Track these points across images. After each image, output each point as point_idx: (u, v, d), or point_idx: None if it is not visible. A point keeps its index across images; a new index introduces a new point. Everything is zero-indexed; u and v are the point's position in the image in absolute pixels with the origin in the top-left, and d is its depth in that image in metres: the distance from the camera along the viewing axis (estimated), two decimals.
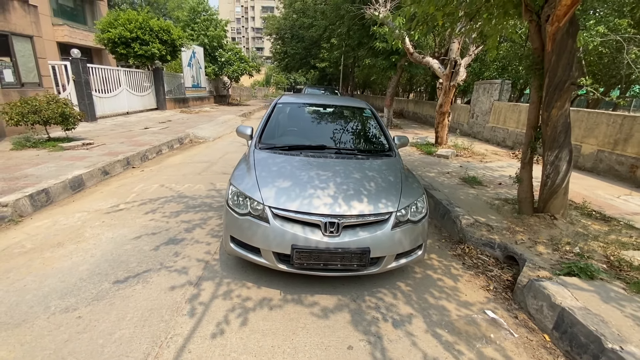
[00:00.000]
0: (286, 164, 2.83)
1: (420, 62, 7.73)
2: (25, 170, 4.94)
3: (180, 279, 2.64)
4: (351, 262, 2.30)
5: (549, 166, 3.23)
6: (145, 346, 1.96)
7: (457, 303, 2.55)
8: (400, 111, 18.38)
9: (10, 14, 6.99)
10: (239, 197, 2.52)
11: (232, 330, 2.12)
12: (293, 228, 2.31)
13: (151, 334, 2.05)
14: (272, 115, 3.69)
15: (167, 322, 2.17)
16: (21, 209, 3.80)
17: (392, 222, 2.42)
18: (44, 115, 6.51)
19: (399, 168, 2.97)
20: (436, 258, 3.24)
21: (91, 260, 2.89)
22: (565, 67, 2.83)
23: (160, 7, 25.93)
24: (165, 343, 1.99)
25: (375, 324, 2.26)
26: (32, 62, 7.75)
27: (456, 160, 6.78)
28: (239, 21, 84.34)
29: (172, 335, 2.05)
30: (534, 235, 3.25)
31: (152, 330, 2.09)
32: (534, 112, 3.28)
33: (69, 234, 3.40)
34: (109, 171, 5.54)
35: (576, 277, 2.51)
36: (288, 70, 30.42)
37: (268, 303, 2.40)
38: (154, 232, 3.47)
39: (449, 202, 4.11)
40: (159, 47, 13.06)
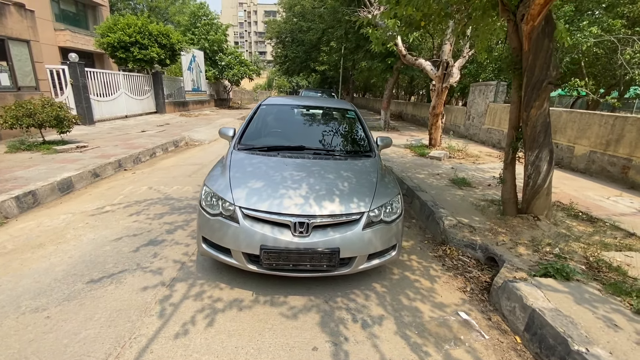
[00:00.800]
0: (261, 165, 2.83)
1: (413, 64, 7.73)
2: (16, 173, 4.98)
3: (154, 280, 2.63)
4: (320, 263, 2.29)
5: (530, 166, 3.19)
6: (107, 346, 1.96)
7: (431, 304, 2.53)
8: (399, 114, 18.37)
9: (6, 19, 7.10)
10: (212, 198, 2.52)
11: (198, 331, 2.11)
12: (263, 228, 2.30)
13: (116, 335, 2.05)
14: (255, 116, 3.71)
15: (133, 322, 2.16)
16: (7, 210, 3.83)
17: (364, 222, 2.40)
18: (39, 119, 6.57)
19: (376, 168, 2.96)
20: (416, 259, 3.21)
21: (69, 261, 2.90)
22: (542, 66, 2.81)
23: (162, 12, 26.27)
24: (128, 343, 1.98)
25: (344, 325, 2.24)
26: (29, 66, 7.86)
27: (448, 162, 6.74)
28: (241, 25, 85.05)
29: (137, 336, 2.04)
30: (516, 237, 3.22)
31: (118, 331, 2.08)
32: (514, 112, 3.26)
33: (51, 235, 3.41)
34: (100, 173, 5.58)
35: (552, 278, 2.47)
36: (289, 73, 30.56)
37: (238, 304, 2.39)
38: (135, 233, 3.48)
39: (434, 204, 4.08)
40: (157, 51, 13.20)
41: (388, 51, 10.47)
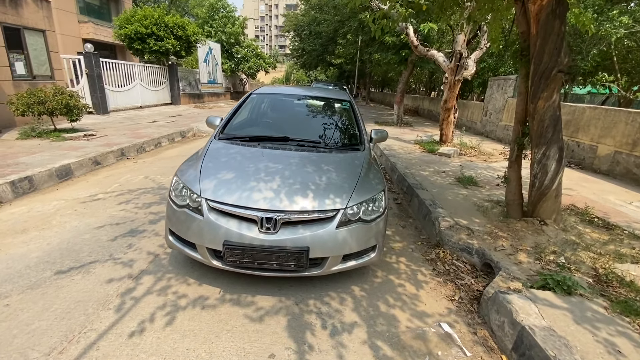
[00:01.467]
0: (237, 155, 2.67)
1: (425, 55, 7.33)
2: (20, 159, 5.07)
3: (122, 272, 2.54)
4: (288, 262, 2.11)
5: (536, 165, 2.87)
6: (54, 340, 1.86)
7: (411, 313, 2.30)
8: (415, 109, 17.81)
9: (22, 9, 7.26)
10: (181, 189, 2.38)
11: (153, 329, 1.98)
12: (228, 223, 2.14)
13: (67, 328, 1.96)
14: (243, 105, 3.55)
15: (88, 315, 2.06)
16: (1, 195, 3.87)
17: (338, 220, 2.20)
18: (49, 107, 6.72)
19: (362, 162, 2.74)
20: (405, 262, 2.98)
21: (46, 248, 2.86)
22: (551, 52, 2.47)
23: (182, 5, 26.60)
24: (76, 338, 1.88)
25: (310, 332, 2.06)
26: (44, 56, 8.05)
27: (458, 160, 6.37)
28: (262, 19, 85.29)
29: (87, 330, 1.94)
30: (517, 242, 2.92)
31: (70, 324, 1.99)
32: (521, 104, 2.93)
33: (38, 221, 3.41)
34: (101, 161, 5.61)
35: (551, 292, 2.18)
36: (306, 67, 30.32)
37: (202, 302, 2.26)
38: (118, 222, 3.42)
39: (432, 202, 3.81)
40: (173, 42, 13.30)
41: (402, 43, 10.08)
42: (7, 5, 6.89)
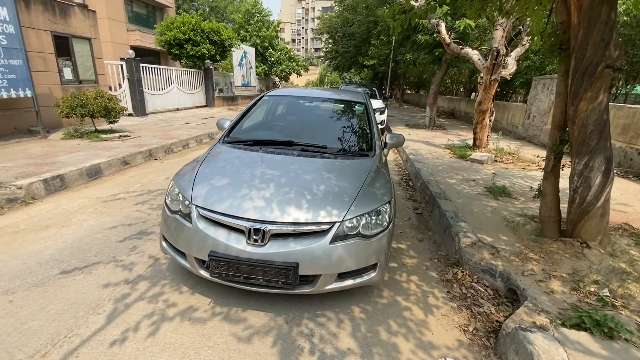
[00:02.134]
0: (236, 160, 2.57)
1: (459, 53, 6.84)
2: (58, 157, 5.43)
3: (120, 275, 2.54)
4: (275, 278, 1.95)
5: (577, 178, 2.45)
6: (41, 342, 1.86)
7: (415, 343, 2.04)
8: (451, 111, 16.91)
9: (71, 19, 7.86)
10: (177, 194, 2.32)
11: (134, 340, 1.92)
12: (216, 232, 2.03)
13: (55, 330, 1.95)
14: (253, 108, 3.46)
15: (77, 319, 2.05)
16: (34, 192, 4.13)
17: (333, 234, 2.00)
18: (90, 109, 7.17)
19: (368, 170, 2.51)
20: (416, 281, 2.69)
21: (60, 246, 2.96)
22: (597, 44, 2.07)
23: (222, 11, 27.69)
24: (60, 342, 1.87)
25: (297, 356, 1.88)
26: (90, 62, 8.65)
27: (492, 167, 5.84)
28: (299, 23, 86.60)
29: (73, 335, 1.92)
30: (551, 266, 2.52)
31: (59, 326, 1.99)
32: (559, 106, 2.52)
33: (60, 218, 3.57)
34: (129, 162, 5.86)
35: (586, 333, 1.82)
36: (339, 69, 30.13)
37: (190, 313, 2.17)
38: (131, 223, 3.48)
39: (454, 215, 3.46)
40: (208, 47, 13.78)
41: (436, 41, 9.56)
42: (57, 15, 7.49)
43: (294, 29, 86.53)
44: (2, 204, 3.79)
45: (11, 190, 3.91)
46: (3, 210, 3.71)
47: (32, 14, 6.99)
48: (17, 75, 6.17)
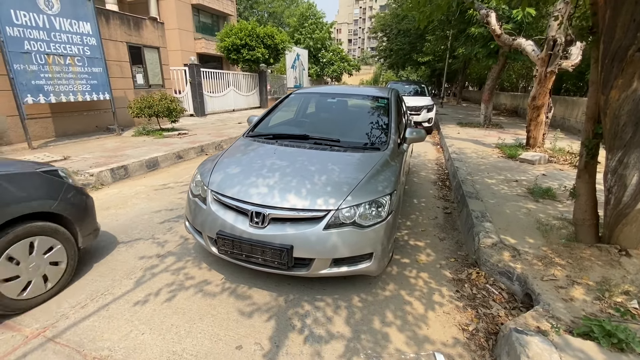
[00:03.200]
0: (251, 152, 2.78)
1: (511, 45, 6.27)
2: (126, 151, 6.30)
3: (154, 250, 2.92)
4: (272, 258, 2.10)
5: (611, 176, 2.17)
6: (83, 296, 2.27)
7: (409, 335, 2.03)
8: (514, 108, 15.43)
9: (142, 30, 9.00)
10: (199, 180, 2.61)
11: (153, 303, 2.23)
12: (225, 214, 2.26)
13: (95, 288, 2.36)
14: (280, 105, 3.67)
15: (113, 281, 2.45)
16: (103, 179, 4.89)
17: (327, 221, 2.09)
18: (155, 110, 8.15)
19: (374, 163, 2.52)
20: (426, 278, 2.63)
21: (114, 224, 3.49)
22: (626, 25, 1.80)
23: (279, 16, 28.97)
24: (96, 298, 2.25)
25: (287, 333, 2.01)
26: (158, 68, 9.80)
27: (544, 167, 5.29)
28: (356, 23, 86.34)
29: (107, 293, 2.30)
30: (578, 273, 2.28)
31: (99, 285, 2.39)
32: (593, 97, 2.25)
33: (119, 201, 4.18)
34: (183, 156, 6.54)
35: (594, 342, 1.65)
36: (393, 67, 29.45)
37: (203, 286, 2.43)
38: (173, 208, 3.94)
39: (480, 215, 3.27)
40: (263, 51, 14.58)
41: (491, 34, 8.89)
42: (132, 28, 8.64)
43: (351, 29, 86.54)
44: None
45: (85, 177, 4.68)
46: None
47: (110, 28, 8.17)
48: (98, 81, 7.29)
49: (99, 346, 1.85)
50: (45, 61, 6.48)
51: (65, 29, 6.73)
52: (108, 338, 1.91)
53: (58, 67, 6.70)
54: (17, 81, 6.06)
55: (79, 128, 7.92)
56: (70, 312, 2.11)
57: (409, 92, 11.47)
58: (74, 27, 6.89)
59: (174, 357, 1.79)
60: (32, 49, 6.25)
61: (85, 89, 7.16)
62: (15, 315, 2.06)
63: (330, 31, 22.02)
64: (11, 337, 1.91)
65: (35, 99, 6.38)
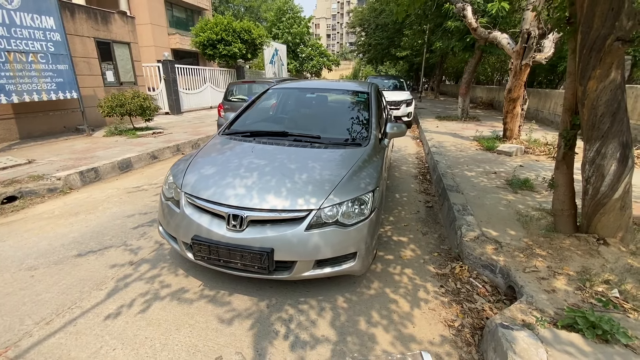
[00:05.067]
0: (228, 151, 2.66)
1: (487, 38, 6.37)
2: (97, 152, 5.96)
3: (127, 258, 2.75)
4: (252, 263, 2.00)
5: (589, 166, 2.20)
6: (48, 311, 2.09)
7: (395, 335, 1.99)
8: (490, 101, 15.83)
9: (111, 25, 8.54)
10: (171, 182, 2.46)
11: (126, 315, 2.09)
12: (200, 218, 2.13)
13: (62, 302, 2.19)
14: (257, 101, 3.54)
15: (82, 293, 2.27)
16: (71, 182, 4.59)
17: (309, 221, 2.01)
18: (128, 108, 7.76)
19: (356, 160, 2.46)
20: (410, 274, 2.61)
21: (83, 230, 3.27)
22: (605, 14, 1.82)
23: (256, 10, 28.40)
24: (63, 312, 2.09)
25: (270, 339, 1.92)
26: (129, 65, 9.35)
27: (520, 159, 5.42)
28: (334, 18, 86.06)
29: (75, 307, 2.14)
30: (558, 264, 2.31)
31: (65, 299, 2.22)
32: (570, 88, 2.27)
33: (89, 206, 3.93)
34: (158, 156, 6.27)
35: (579, 334, 1.65)
36: (372, 62, 29.58)
37: (180, 294, 2.30)
38: (147, 212, 3.74)
39: (462, 208, 3.28)
40: (239, 46, 14.23)
41: (468, 28, 9.02)
42: (100, 22, 8.17)
43: (329, 24, 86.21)
44: (44, 193, 4.26)
45: (51, 181, 4.39)
46: (44, 199, 4.17)
47: (76, 22, 7.70)
48: (64, 79, 6.86)
49: None
50: (6, 59, 6.02)
51: (26, 24, 6.27)
52: (75, 356, 1.76)
53: (20, 64, 6.24)
54: None
55: (45, 129, 7.45)
56: (34, 330, 1.94)
57: (388, 87, 11.52)
58: (36, 22, 6.43)
59: None
60: None
61: (51, 88, 6.72)
62: None
63: (309, 26, 21.79)
64: None
65: None
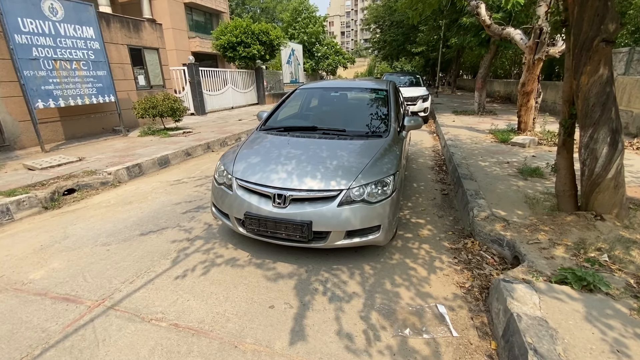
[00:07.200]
0: (267, 143, 3.10)
1: (500, 34, 6.57)
2: (136, 151, 6.57)
3: (183, 235, 3.24)
4: (294, 233, 2.43)
5: (584, 150, 2.50)
6: (129, 274, 2.59)
7: (415, 293, 2.37)
8: (507, 95, 15.77)
9: (142, 32, 9.20)
10: (222, 170, 2.92)
11: (192, 276, 2.56)
12: (250, 198, 2.58)
13: (138, 267, 2.69)
14: (287, 100, 3.97)
15: (153, 261, 2.77)
16: (120, 177, 5.18)
17: (340, 199, 2.42)
18: (159, 110, 8.39)
19: (378, 148, 2.85)
20: (427, 248, 2.98)
21: (140, 215, 3.80)
22: (592, 18, 2.12)
23: (271, 12, 29.00)
24: (141, 275, 2.58)
25: (311, 294, 2.35)
26: (158, 69, 10.01)
27: (533, 150, 5.64)
28: (348, 15, 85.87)
29: (149, 271, 2.63)
30: (559, 237, 2.63)
31: (141, 265, 2.72)
32: (568, 82, 2.57)
33: (139, 196, 4.48)
34: (191, 153, 6.84)
35: (568, 286, 2.00)
36: (387, 59, 29.65)
37: (233, 262, 2.76)
38: (191, 200, 4.25)
39: (475, 193, 3.61)
40: (258, 47, 14.76)
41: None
42: (132, 30, 8.84)
43: (343, 21, 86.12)
44: (97, 186, 4.86)
45: (103, 176, 4.98)
46: (98, 191, 4.76)
47: (111, 31, 8.37)
48: (103, 84, 7.52)
49: (153, 310, 2.18)
50: (53, 66, 6.71)
51: (69, 34, 6.95)
52: (159, 304, 2.24)
53: (65, 71, 6.93)
54: (28, 87, 6.29)
55: (86, 130, 8.17)
56: (122, 287, 2.44)
57: (405, 83, 11.75)
58: (78, 32, 7.10)
59: (218, 317, 2.13)
60: (40, 55, 6.47)
61: (92, 92, 7.40)
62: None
63: (324, 25, 22.16)
64: (75, 308, 2.23)
65: (46, 103, 6.62)
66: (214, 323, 2.08)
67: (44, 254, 2.99)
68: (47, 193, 4.26)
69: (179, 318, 2.12)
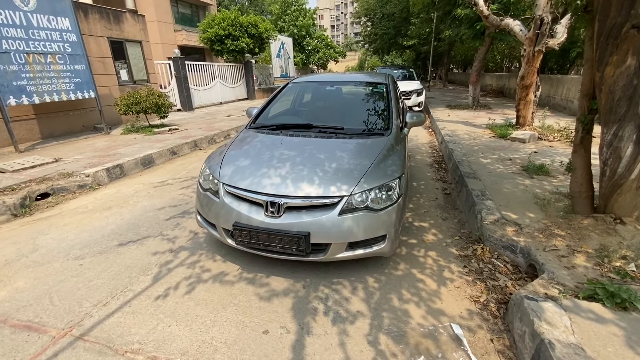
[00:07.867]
0: (258, 143, 2.80)
1: (499, 25, 6.36)
2: (118, 150, 6.18)
3: (166, 246, 2.94)
4: (290, 246, 2.16)
5: (606, 149, 2.29)
6: (103, 294, 2.29)
7: (426, 310, 2.13)
8: (500, 89, 15.68)
9: (123, 24, 8.70)
10: (208, 174, 2.62)
11: (174, 296, 2.27)
12: (239, 206, 2.29)
13: (114, 286, 2.38)
14: (278, 95, 3.67)
15: (131, 278, 2.47)
16: (99, 179, 4.81)
17: (341, 207, 2.15)
18: (143, 106, 7.95)
19: (381, 148, 2.59)
20: (434, 256, 2.75)
21: (119, 223, 3.47)
22: (620, 3, 1.89)
23: (260, 4, 28.29)
24: (117, 295, 2.28)
25: (311, 315, 2.09)
26: (142, 63, 9.52)
27: (534, 145, 5.47)
28: (338, 8, 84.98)
29: (127, 290, 2.33)
30: (577, 242, 2.42)
31: (117, 283, 2.41)
32: (588, 74, 2.35)
33: (120, 200, 4.14)
34: (177, 152, 6.47)
35: (599, 304, 1.78)
36: (378, 52, 29.32)
37: (221, 277, 2.48)
38: (176, 204, 3.93)
39: (480, 193, 3.39)
40: (247, 41, 14.29)
41: (477, 15, 8.95)
42: (112, 22, 8.34)
43: (333, 14, 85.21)
44: (74, 190, 4.49)
45: (81, 178, 4.60)
46: (75, 195, 4.39)
47: (90, 22, 7.87)
48: (81, 79, 7.06)
49: (128, 340, 1.89)
50: (26, 60, 6.23)
51: (43, 26, 6.46)
52: (136, 332, 1.95)
53: (39, 66, 6.45)
54: None
55: (65, 128, 7.70)
56: (94, 311, 2.14)
57: (398, 77, 11.51)
58: (52, 23, 6.61)
59: (205, 346, 1.85)
60: (10, 48, 5.98)
61: (69, 88, 6.93)
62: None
63: (314, 18, 21.68)
64: (38, 339, 1.93)
65: (18, 100, 6.14)
66: (199, 354, 1.80)
67: (8, 270, 2.65)
68: (17, 198, 3.89)
69: (159, 349, 1.83)
